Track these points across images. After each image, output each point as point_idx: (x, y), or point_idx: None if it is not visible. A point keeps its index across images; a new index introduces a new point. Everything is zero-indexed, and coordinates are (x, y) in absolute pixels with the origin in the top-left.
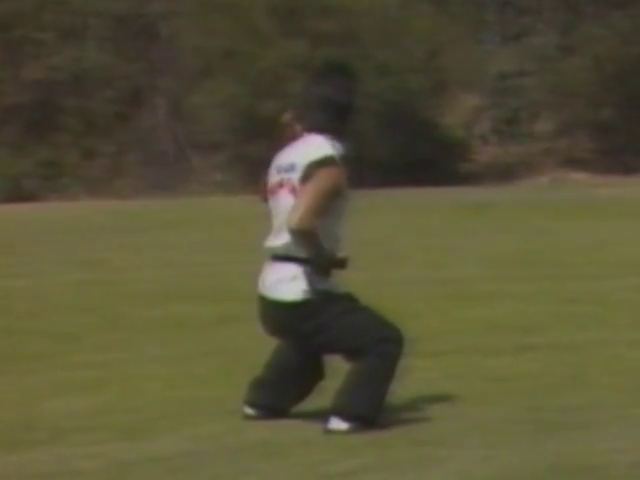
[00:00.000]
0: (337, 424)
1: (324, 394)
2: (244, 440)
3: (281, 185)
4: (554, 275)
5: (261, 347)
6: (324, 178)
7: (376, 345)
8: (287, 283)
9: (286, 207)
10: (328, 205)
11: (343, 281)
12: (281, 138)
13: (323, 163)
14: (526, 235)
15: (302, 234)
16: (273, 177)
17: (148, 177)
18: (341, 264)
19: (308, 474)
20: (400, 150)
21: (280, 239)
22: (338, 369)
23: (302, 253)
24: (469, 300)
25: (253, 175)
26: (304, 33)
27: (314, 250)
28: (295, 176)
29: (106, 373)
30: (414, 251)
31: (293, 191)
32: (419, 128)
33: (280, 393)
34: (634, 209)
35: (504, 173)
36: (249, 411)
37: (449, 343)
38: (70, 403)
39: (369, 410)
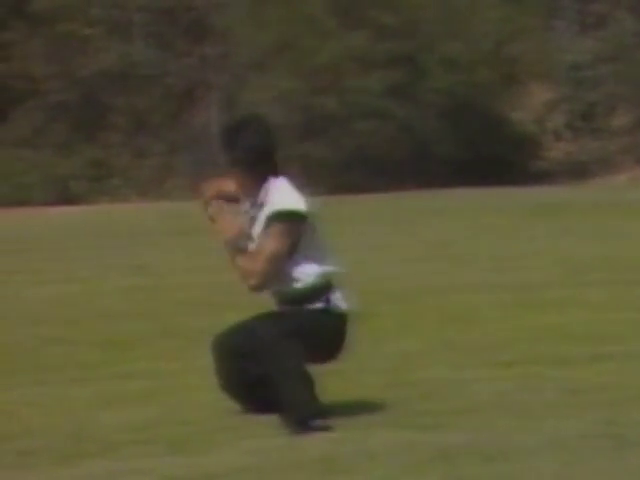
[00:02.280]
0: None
1: (381, 406)
2: (305, 455)
3: None
4: (631, 280)
5: None
6: None
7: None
8: None
9: None
10: None
11: (418, 284)
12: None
13: None
14: (602, 238)
15: None
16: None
17: (201, 178)
18: None
19: None
20: (468, 147)
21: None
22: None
23: None
24: (541, 307)
25: (309, 176)
26: (365, 25)
27: None
28: None
29: (158, 383)
30: (483, 255)
31: None
32: (488, 124)
33: None
34: None
35: (579, 171)
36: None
37: (520, 352)
38: (121, 414)
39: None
